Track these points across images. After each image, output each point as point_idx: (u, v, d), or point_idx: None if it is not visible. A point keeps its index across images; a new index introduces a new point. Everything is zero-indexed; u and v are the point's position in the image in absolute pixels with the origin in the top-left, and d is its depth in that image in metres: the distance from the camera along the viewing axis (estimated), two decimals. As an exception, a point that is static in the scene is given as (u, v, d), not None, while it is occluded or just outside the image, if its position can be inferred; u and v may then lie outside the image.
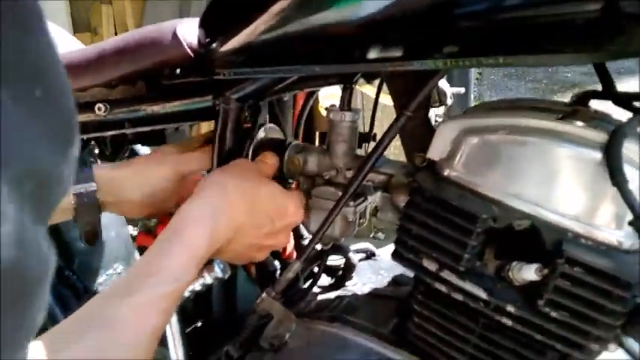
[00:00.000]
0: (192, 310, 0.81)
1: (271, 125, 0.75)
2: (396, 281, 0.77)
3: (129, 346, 0.44)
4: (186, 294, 0.65)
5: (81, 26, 3.01)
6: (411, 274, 0.67)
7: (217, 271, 0.62)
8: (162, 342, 0.78)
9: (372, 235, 2.52)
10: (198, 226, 0.55)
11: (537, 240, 0.51)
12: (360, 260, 0.84)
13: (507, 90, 5.13)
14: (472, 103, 1.94)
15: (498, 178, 0.53)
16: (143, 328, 0.46)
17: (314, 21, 0.56)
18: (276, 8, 0.58)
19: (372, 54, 0.54)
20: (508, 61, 0.49)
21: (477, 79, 4.27)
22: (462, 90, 0.76)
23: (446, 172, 0.57)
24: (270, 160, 0.70)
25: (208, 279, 0.63)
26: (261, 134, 0.73)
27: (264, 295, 0.64)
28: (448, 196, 0.55)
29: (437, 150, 0.58)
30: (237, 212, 0.59)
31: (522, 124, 0.53)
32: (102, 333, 0.44)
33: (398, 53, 0.53)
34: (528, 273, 0.51)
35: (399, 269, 0.80)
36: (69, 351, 0.40)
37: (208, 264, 0.64)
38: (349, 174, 0.69)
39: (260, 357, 0.65)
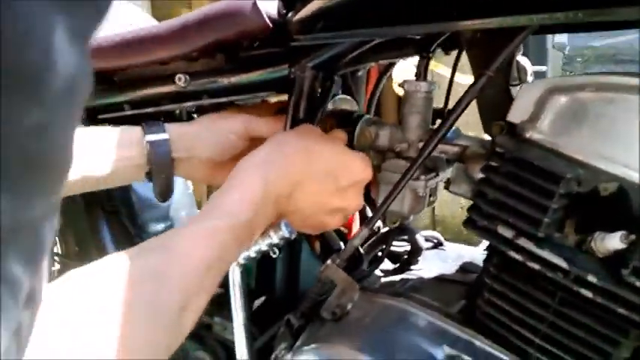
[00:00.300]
0: (255, 286, 0.80)
1: (344, 96, 0.74)
2: (464, 269, 0.74)
3: (183, 270, 0.44)
4: (253, 254, 0.64)
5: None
6: (480, 262, 0.64)
7: (284, 231, 0.61)
8: (226, 314, 0.77)
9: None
10: (250, 173, 0.55)
11: (624, 204, 0.47)
12: (427, 249, 0.81)
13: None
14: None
15: (585, 139, 0.50)
16: (198, 253, 0.45)
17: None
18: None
19: (455, 13, 0.53)
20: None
21: (564, 69, 3.97)
22: (543, 68, 0.73)
23: (528, 134, 0.54)
24: (339, 135, 0.69)
25: (275, 238, 0.62)
26: (332, 105, 0.72)
27: (328, 262, 0.63)
28: (530, 157, 0.52)
29: (519, 112, 0.55)
30: (292, 165, 0.58)
31: (612, 82, 0.50)
32: (158, 255, 0.44)
33: (482, 11, 0.51)
34: (613, 241, 0.47)
35: (467, 258, 0.77)
36: (133, 268, 0.41)
37: (275, 225, 0.63)
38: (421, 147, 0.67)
39: (321, 326, 0.63)
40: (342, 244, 0.80)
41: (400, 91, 0.71)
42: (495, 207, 0.53)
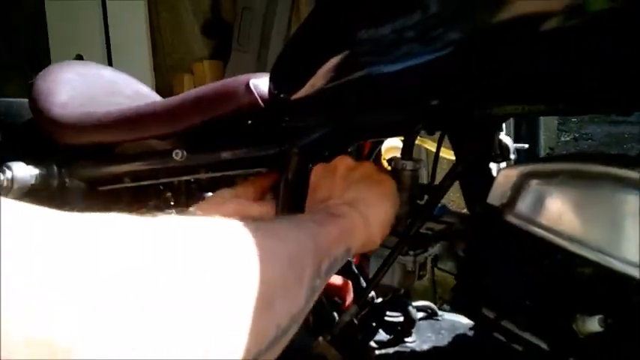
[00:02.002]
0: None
1: None
2: (458, 341, 0.75)
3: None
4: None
5: (165, 94, 3.24)
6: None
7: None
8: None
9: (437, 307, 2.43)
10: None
11: (600, 288, 0.49)
12: (421, 319, 0.82)
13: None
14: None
15: (560, 223, 0.52)
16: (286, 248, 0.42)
17: (376, 70, 0.59)
18: (337, 60, 0.61)
19: (436, 102, 0.56)
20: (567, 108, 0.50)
21: (560, 130, 3.99)
22: (526, 146, 0.76)
23: (507, 218, 0.56)
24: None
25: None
26: None
27: (320, 338, 0.64)
28: (509, 243, 0.54)
29: (497, 195, 0.58)
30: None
31: (585, 169, 0.52)
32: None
33: (461, 101, 0.54)
34: (592, 324, 0.49)
35: (460, 330, 0.78)
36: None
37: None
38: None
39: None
40: (335, 315, 0.81)
41: (388, 167, 0.74)
42: (478, 289, 0.55)
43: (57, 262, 0.22)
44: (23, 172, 0.83)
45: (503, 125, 0.71)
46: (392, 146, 0.84)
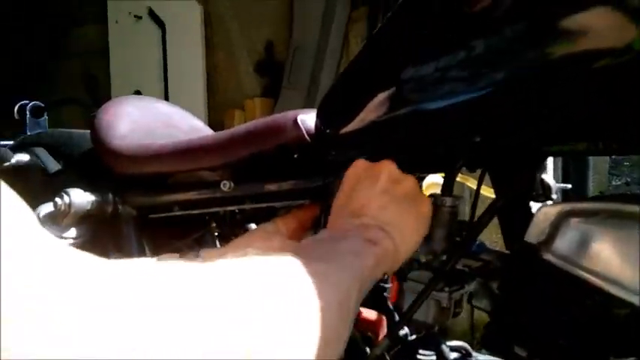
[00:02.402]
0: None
1: None
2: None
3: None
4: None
5: (216, 129, 3.35)
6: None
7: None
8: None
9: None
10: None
11: (637, 330, 0.49)
12: (455, 359, 0.81)
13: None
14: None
15: (598, 263, 0.52)
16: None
17: (421, 106, 0.61)
18: (383, 96, 0.64)
19: (478, 138, 0.58)
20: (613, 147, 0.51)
21: (611, 173, 3.87)
22: (569, 186, 0.76)
23: (544, 256, 0.56)
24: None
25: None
26: None
27: (351, 371, 0.65)
28: (545, 280, 0.54)
29: (535, 232, 0.58)
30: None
31: (623, 209, 0.52)
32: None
33: (503, 138, 0.56)
34: (628, 366, 0.48)
35: (495, 371, 0.77)
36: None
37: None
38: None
39: None
40: (367, 349, 0.82)
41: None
42: (511, 327, 0.55)
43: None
44: (80, 198, 0.89)
45: (549, 166, 0.72)
46: (433, 182, 0.86)
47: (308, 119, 0.78)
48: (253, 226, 0.99)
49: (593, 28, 0.46)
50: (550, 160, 0.72)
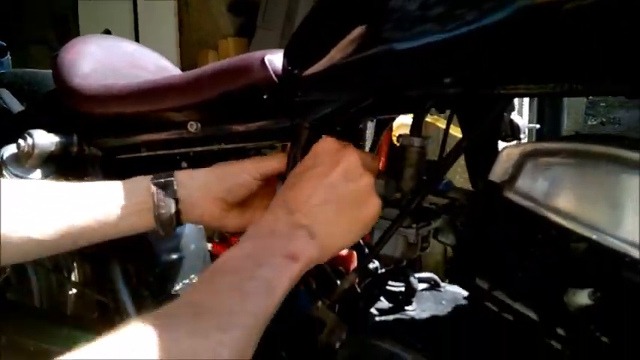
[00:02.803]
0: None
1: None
2: (459, 310, 0.77)
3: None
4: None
5: (189, 69, 3.29)
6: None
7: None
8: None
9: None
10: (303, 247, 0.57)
11: (592, 264, 0.50)
12: (424, 290, 0.84)
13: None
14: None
15: (557, 201, 0.53)
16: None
17: (391, 47, 0.60)
18: (353, 36, 0.63)
19: (447, 79, 0.57)
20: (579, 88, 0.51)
21: (587, 114, 3.93)
22: (537, 126, 0.77)
23: (506, 194, 0.57)
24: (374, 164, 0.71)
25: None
26: None
27: (319, 303, 0.67)
28: (505, 217, 0.55)
29: (499, 172, 0.59)
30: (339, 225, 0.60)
31: (584, 149, 0.53)
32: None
33: (470, 80, 0.55)
34: (582, 297, 0.50)
35: (461, 301, 0.80)
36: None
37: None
38: (414, 198, 0.71)
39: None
40: (338, 282, 0.84)
41: (397, 143, 0.76)
42: (474, 260, 0.57)
43: None
44: (44, 139, 0.87)
45: (525, 106, 0.72)
46: (403, 123, 0.86)
47: (275, 59, 0.76)
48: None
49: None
50: (526, 101, 0.73)
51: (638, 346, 0.47)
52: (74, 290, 1.10)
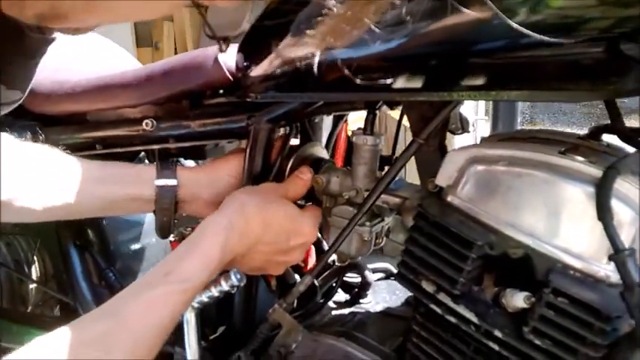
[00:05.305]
0: (215, 316, 0.86)
1: (313, 143, 0.79)
2: (410, 302, 0.80)
3: (133, 337, 0.49)
4: (206, 299, 0.69)
5: (143, 41, 3.20)
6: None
7: (233, 280, 0.67)
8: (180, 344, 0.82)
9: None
10: (213, 238, 0.60)
11: (528, 269, 0.53)
12: (379, 280, 0.87)
13: (561, 114, 5.08)
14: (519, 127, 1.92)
15: (496, 207, 0.56)
16: (150, 321, 0.51)
17: (337, 53, 0.60)
18: (303, 38, 0.63)
19: (394, 84, 0.58)
20: (517, 95, 0.52)
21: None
22: (486, 118, 0.79)
23: (449, 199, 0.60)
24: (305, 175, 0.74)
25: (225, 286, 0.67)
26: (304, 151, 0.78)
27: (275, 305, 0.69)
28: (448, 222, 0.58)
29: (444, 176, 0.61)
30: (252, 230, 0.64)
31: (522, 157, 0.55)
32: (111, 321, 0.49)
33: (417, 84, 0.56)
34: (518, 300, 0.53)
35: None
36: (80, 335, 0.46)
37: (225, 272, 0.68)
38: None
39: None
40: (297, 277, 0.86)
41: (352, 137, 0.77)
42: (419, 264, 0.59)
43: None
44: (-2, 137, 0.85)
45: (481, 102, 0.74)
46: (360, 115, 0.87)
47: (229, 59, 0.76)
48: (183, 160, 0.99)
49: None
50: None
51: (570, 349, 0.50)
52: (34, 286, 1.10)
